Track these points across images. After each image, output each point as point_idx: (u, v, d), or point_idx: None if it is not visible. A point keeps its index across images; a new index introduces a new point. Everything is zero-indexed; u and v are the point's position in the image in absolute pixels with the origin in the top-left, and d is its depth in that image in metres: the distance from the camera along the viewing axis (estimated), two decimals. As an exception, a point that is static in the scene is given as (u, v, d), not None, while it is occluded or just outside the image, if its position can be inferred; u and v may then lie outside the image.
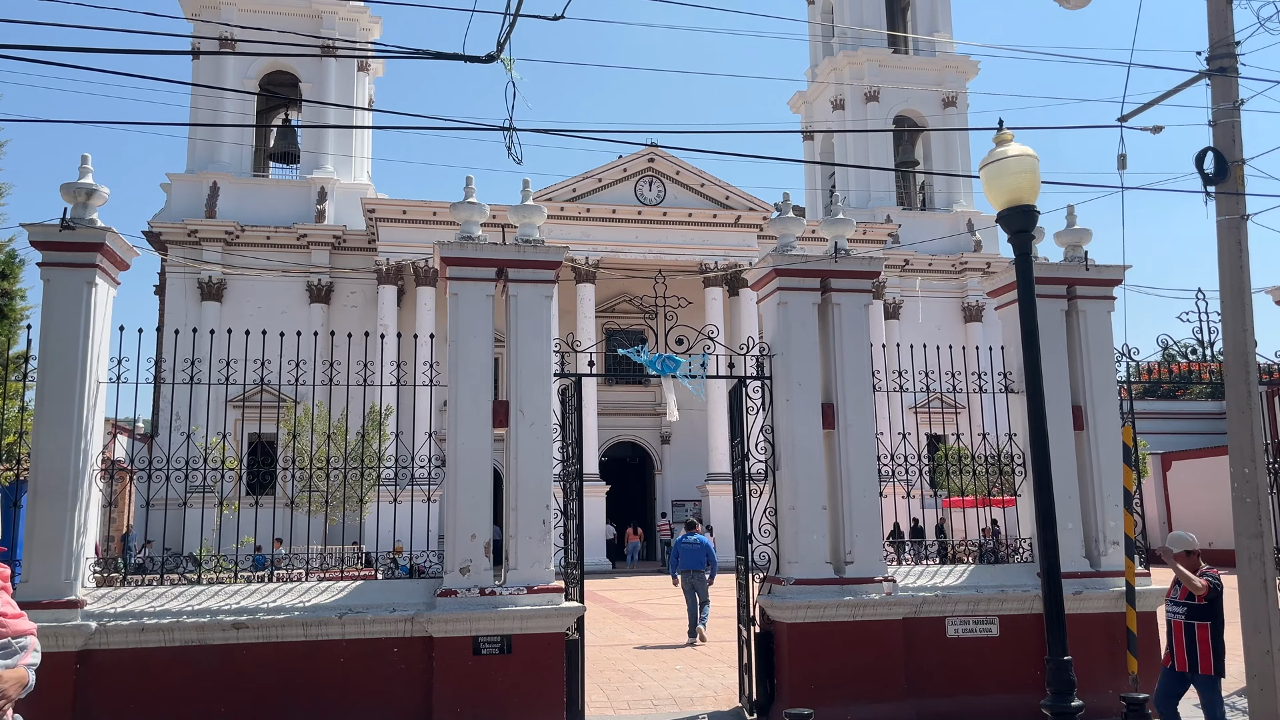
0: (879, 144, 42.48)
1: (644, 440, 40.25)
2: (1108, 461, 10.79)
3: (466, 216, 10.09)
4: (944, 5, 45.07)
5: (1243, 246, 8.85)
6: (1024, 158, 7.58)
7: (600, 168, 36.72)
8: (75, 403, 8.51)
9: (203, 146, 36.68)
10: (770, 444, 10.48)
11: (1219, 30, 9.18)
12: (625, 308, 38.96)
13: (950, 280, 41.98)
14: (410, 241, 35.22)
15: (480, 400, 9.54)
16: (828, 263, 10.69)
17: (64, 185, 8.78)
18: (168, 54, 6.53)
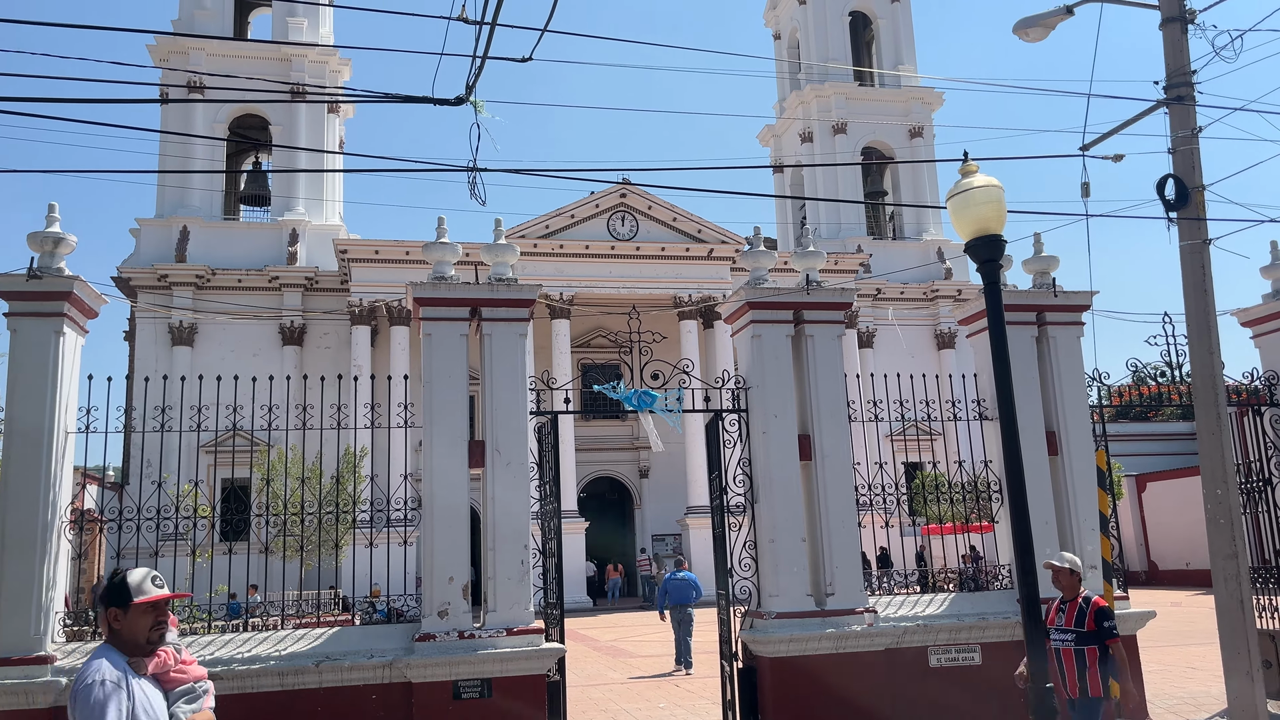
0: (848, 175, 42.96)
1: (622, 475, 40.13)
2: (1083, 486, 10.86)
3: (439, 257, 10.08)
4: (908, 39, 45.82)
5: (1206, 270, 8.99)
6: (989, 188, 7.68)
7: (573, 204, 36.88)
8: (43, 454, 8.38)
9: (172, 191, 36.53)
10: (748, 477, 10.47)
11: (1175, 60, 9.39)
12: (600, 342, 38.99)
13: (922, 308, 42.34)
14: (383, 281, 35.13)
15: (456, 441, 9.48)
16: (800, 295, 10.75)
17: (31, 234, 8.71)
18: (137, 102, 6.52)
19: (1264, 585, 11.39)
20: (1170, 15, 9.39)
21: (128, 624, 3.61)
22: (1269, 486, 11.66)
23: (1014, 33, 10.59)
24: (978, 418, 11.25)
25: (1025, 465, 7.54)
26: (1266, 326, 12.25)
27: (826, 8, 45.02)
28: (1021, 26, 10.36)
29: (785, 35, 48.62)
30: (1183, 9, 9.34)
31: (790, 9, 47.41)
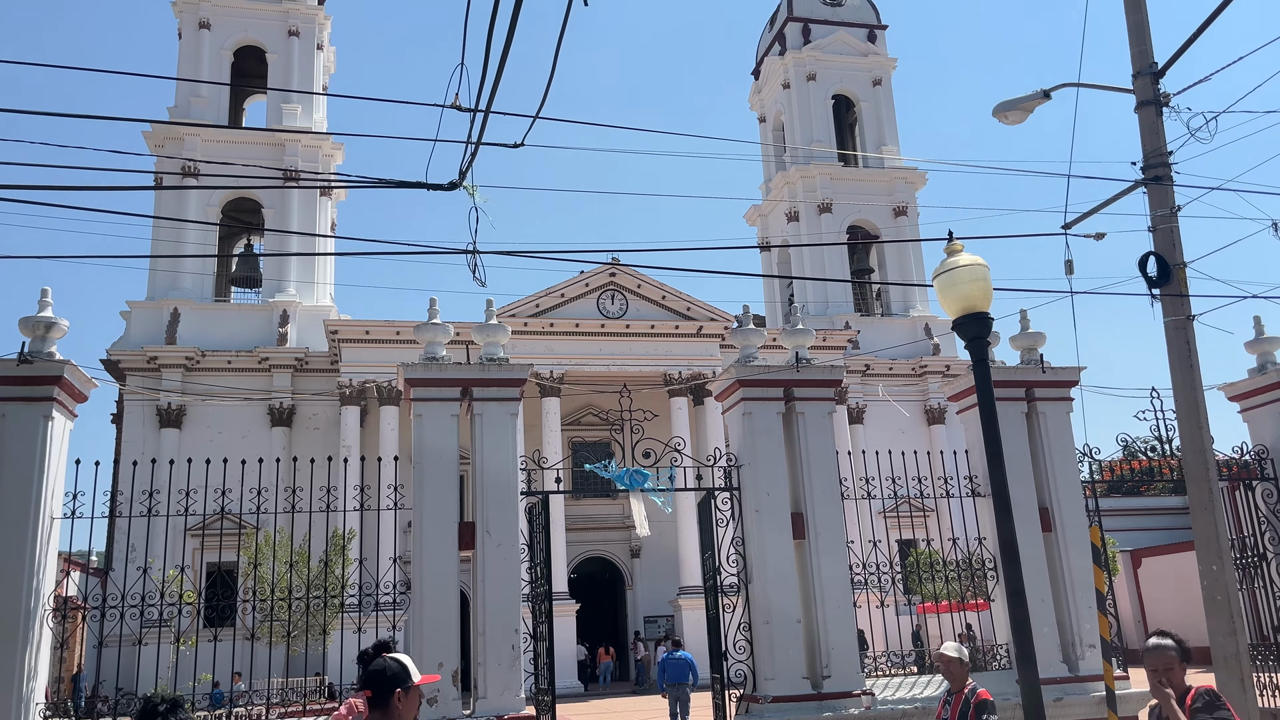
0: (835, 252, 43.46)
1: (614, 555, 39.68)
2: (1078, 562, 10.79)
3: (431, 338, 10.13)
4: (890, 121, 46.84)
5: (1191, 346, 9.08)
6: (975, 267, 7.78)
7: (563, 283, 37.15)
8: (28, 541, 8.27)
9: (164, 274, 36.69)
10: (741, 556, 10.38)
11: (1151, 141, 9.61)
12: (591, 420, 38.90)
13: (911, 384, 42.49)
14: (373, 362, 35.14)
15: (445, 523, 9.40)
16: (790, 372, 10.80)
17: (23, 319, 8.73)
18: (133, 189, 6.60)
19: (1264, 663, 11.26)
20: (1145, 99, 9.64)
21: (408, 703, 3.68)
22: (1264, 562, 11.61)
23: (994, 115, 10.83)
24: (970, 494, 11.23)
25: (1019, 542, 7.49)
26: (1254, 401, 12.32)
27: (810, 91, 46.09)
28: (1001, 110, 10.61)
29: (770, 118, 49.67)
30: (1157, 93, 9.59)
31: (774, 93, 48.52)
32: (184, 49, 39.32)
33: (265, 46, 39.88)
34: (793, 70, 46.72)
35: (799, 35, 47.09)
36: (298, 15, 40.10)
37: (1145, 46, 9.71)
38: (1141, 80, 9.68)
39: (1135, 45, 9.74)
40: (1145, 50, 9.70)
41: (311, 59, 40.23)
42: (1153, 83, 9.62)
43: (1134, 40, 9.76)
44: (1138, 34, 9.74)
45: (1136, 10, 9.83)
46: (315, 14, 40.75)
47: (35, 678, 8.26)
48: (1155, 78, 9.63)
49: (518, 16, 5.47)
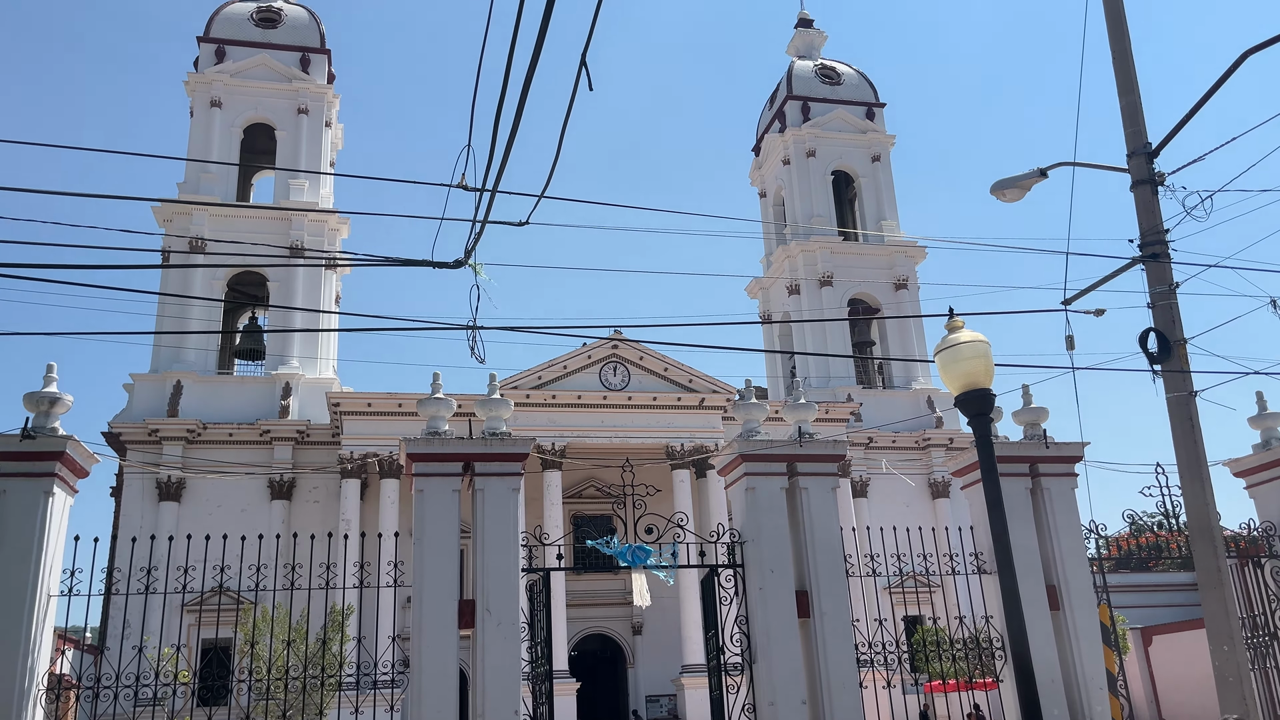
0: (836, 324, 43.63)
1: (615, 632, 39.07)
2: (1087, 641, 10.63)
3: (433, 412, 10.13)
4: (889, 196, 47.45)
5: (1194, 422, 9.07)
6: (976, 344, 7.82)
7: (565, 355, 37.24)
8: (24, 619, 8.18)
9: (167, 347, 36.86)
10: (745, 635, 10.23)
11: (1148, 219, 9.72)
12: (593, 493, 38.65)
13: (915, 458, 42.28)
14: (375, 434, 35.06)
15: (445, 600, 9.30)
16: (793, 447, 10.78)
17: (27, 395, 8.76)
18: (140, 268, 6.68)
19: (1280, 745, 11.00)
20: (1140, 178, 9.79)
21: None
22: (1275, 641, 11.43)
23: (991, 193, 10.98)
24: (976, 571, 11.11)
25: (1027, 621, 7.40)
26: (1259, 477, 12.26)
27: (810, 167, 46.78)
28: (998, 188, 10.76)
29: (771, 193, 50.33)
30: (1151, 173, 9.74)
31: (775, 168, 49.24)
32: (195, 126, 40.08)
33: (275, 124, 40.65)
34: (793, 147, 47.50)
35: (798, 113, 47.98)
36: (307, 94, 40.95)
37: (1139, 127, 9.88)
38: (1136, 160, 9.83)
39: (1129, 126, 9.92)
40: (1139, 131, 9.88)
41: (320, 136, 40.97)
42: (1147, 162, 9.78)
43: (1127, 121, 9.94)
44: (1131, 115, 9.93)
45: (1129, 92, 10.03)
46: (324, 92, 41.61)
47: (25, 760, 8.10)
48: (1149, 157, 9.78)
49: (523, 109, 5.59)
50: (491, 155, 6.42)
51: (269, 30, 41.86)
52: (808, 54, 51.07)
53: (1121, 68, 10.11)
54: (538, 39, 5.15)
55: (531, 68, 5.39)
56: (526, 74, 5.47)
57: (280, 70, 41.13)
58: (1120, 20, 10.21)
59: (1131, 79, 10.04)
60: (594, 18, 5.19)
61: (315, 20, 43.14)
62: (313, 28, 42.85)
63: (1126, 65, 10.11)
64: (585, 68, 5.37)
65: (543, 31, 5.09)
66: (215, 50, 41.08)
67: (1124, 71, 10.07)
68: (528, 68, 5.43)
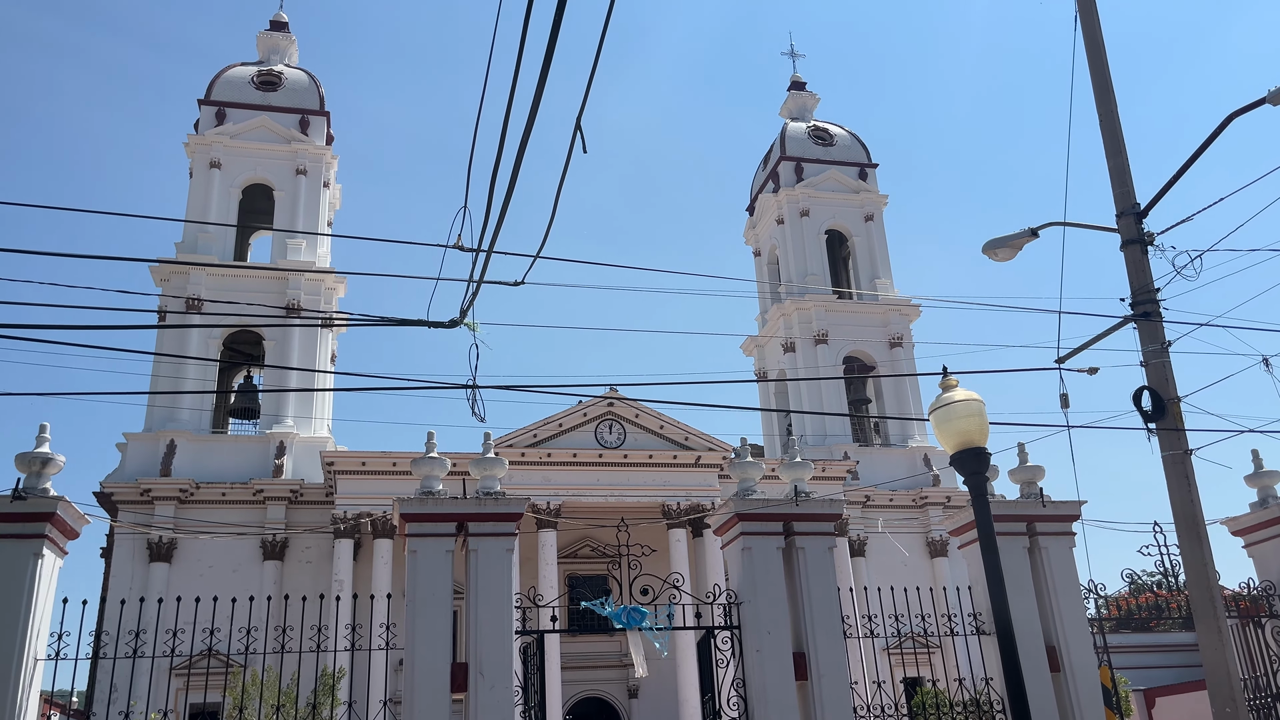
0: (832, 382, 43.69)
1: (610, 695, 38.44)
2: (1088, 704, 10.49)
3: (428, 471, 10.09)
4: (883, 255, 47.84)
5: (1191, 481, 9.05)
6: (970, 402, 7.84)
7: (560, 413, 37.16)
8: (10, 684, 8.04)
9: (161, 407, 36.75)
10: (742, 699, 10.08)
11: (1139, 278, 9.81)
12: (588, 553, 38.31)
13: (912, 516, 42.05)
14: (369, 493, 34.82)
15: (438, 664, 9.17)
16: (789, 506, 10.72)
17: (19, 455, 8.71)
18: (137, 328, 6.70)
19: (1288, 810, 10.81)
20: (1129, 238, 9.90)
21: None
22: (1278, 702, 11.28)
23: (983, 253, 11.08)
24: (975, 632, 10.99)
25: (1027, 683, 7.31)
26: (1258, 535, 12.21)
27: (803, 227, 47.22)
28: (990, 247, 10.87)
29: (765, 252, 50.73)
30: (1141, 232, 9.85)
31: (769, 228, 49.71)
32: (194, 187, 40.45)
33: (273, 184, 41.03)
34: (786, 207, 48.02)
35: (792, 173, 48.57)
36: (306, 155, 41.40)
37: (1127, 188, 10.01)
38: (1125, 220, 9.95)
39: (1117, 187, 10.05)
40: (1127, 191, 10.01)
41: (318, 196, 41.34)
42: (1136, 222, 9.89)
43: (1116, 182, 10.08)
44: (1119, 176, 10.07)
45: (1117, 154, 10.18)
46: (323, 154, 42.08)
47: (6, 831, 7.91)
48: (1138, 218, 9.90)
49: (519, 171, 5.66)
50: (487, 216, 6.48)
51: (269, 93, 42.45)
52: (800, 115, 51.84)
53: (1109, 129, 10.27)
54: (533, 104, 5.23)
55: (526, 132, 5.47)
56: (522, 137, 5.55)
57: (280, 132, 41.64)
58: (1106, 84, 10.40)
59: (1119, 140, 10.20)
60: (588, 85, 5.29)
61: (315, 83, 43.78)
62: (312, 90, 43.47)
63: (1113, 127, 10.28)
64: (580, 131, 5.44)
65: (538, 97, 5.18)
66: (216, 112, 41.61)
67: (1111, 133, 10.23)
68: (523, 132, 5.51)
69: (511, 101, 5.61)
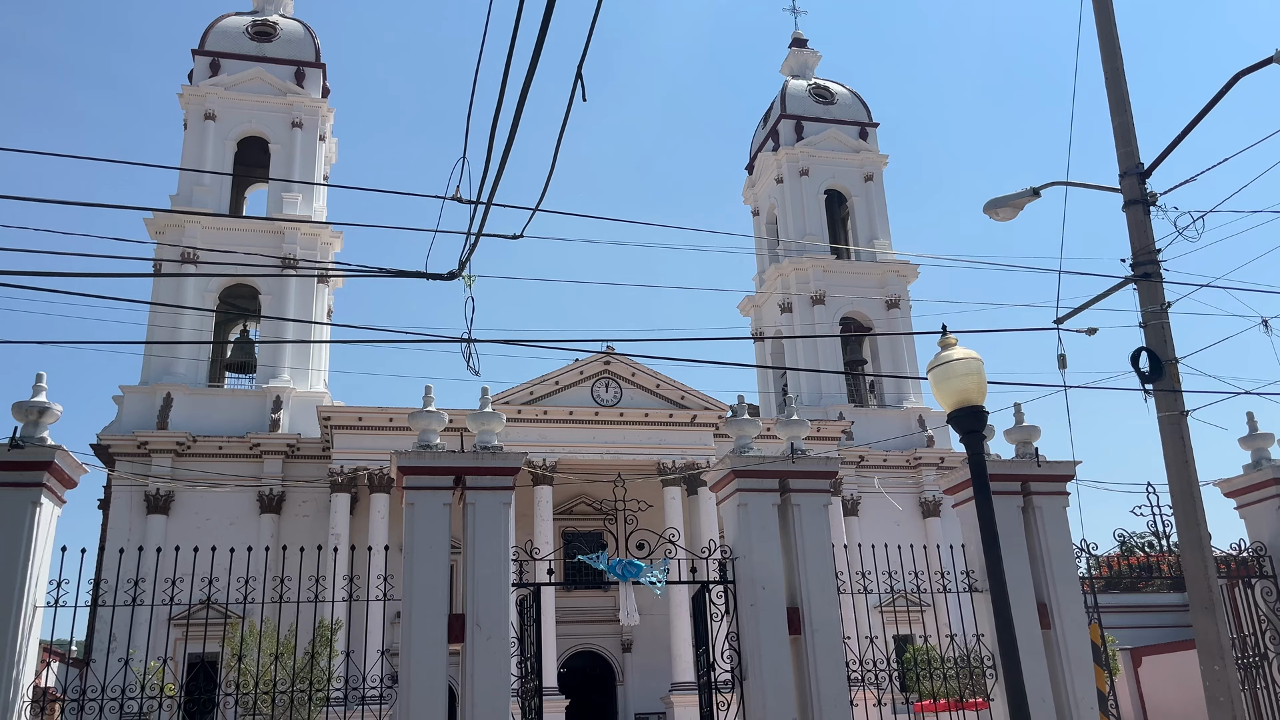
0: (828, 343, 43.70)
1: (605, 649, 38.89)
2: (1078, 660, 10.61)
3: (425, 425, 10.10)
4: (881, 215, 47.65)
5: (1186, 442, 9.08)
6: (969, 360, 7.83)
7: (557, 371, 37.20)
8: (9, 630, 8.10)
9: (158, 358, 36.71)
10: (736, 652, 10.19)
11: (1140, 239, 9.77)
12: (584, 509, 38.54)
13: (906, 476, 42.29)
14: (365, 449, 34.94)
15: (435, 615, 9.24)
16: (785, 463, 10.76)
17: (16, 404, 8.71)
18: (131, 276, 6.66)
19: (1271, 766, 10.99)
20: (1132, 198, 9.84)
21: None
22: (1265, 662, 11.42)
23: (984, 212, 11.02)
24: (967, 589, 11.09)
25: (1018, 639, 7.38)
26: (1250, 497, 12.29)
27: (803, 186, 46.97)
28: (991, 207, 10.81)
29: (764, 211, 50.50)
30: (1144, 193, 9.79)
31: (768, 187, 49.43)
32: (189, 138, 40.09)
33: (268, 137, 40.67)
34: (786, 166, 47.70)
35: (792, 132, 48.20)
36: (302, 108, 40.99)
37: (1131, 147, 9.94)
38: (1128, 180, 9.88)
39: (1121, 146, 9.97)
40: (1131, 151, 9.94)
41: (314, 150, 41.01)
42: (1139, 182, 9.83)
43: (1120, 141, 10.00)
44: (1123, 135, 9.99)
45: (1121, 113, 10.10)
46: (319, 106, 41.66)
47: (8, 774, 8.01)
48: (1142, 178, 9.83)
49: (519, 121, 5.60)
50: (486, 167, 6.42)
51: (264, 44, 41.93)
52: (801, 73, 51.33)
53: (1114, 88, 10.18)
54: (534, 51, 5.17)
55: (528, 80, 5.41)
56: (523, 86, 5.48)
57: (275, 84, 41.18)
58: (1113, 41, 10.29)
59: (1124, 99, 10.11)
60: (590, 30, 5.22)
61: (310, 34, 43.23)
62: (308, 42, 42.92)
63: (1119, 86, 10.18)
64: (580, 79, 5.38)
65: (539, 44, 5.11)
66: (210, 63, 41.13)
67: (1116, 92, 10.14)
68: (524, 80, 5.44)
69: (512, 51, 5.54)
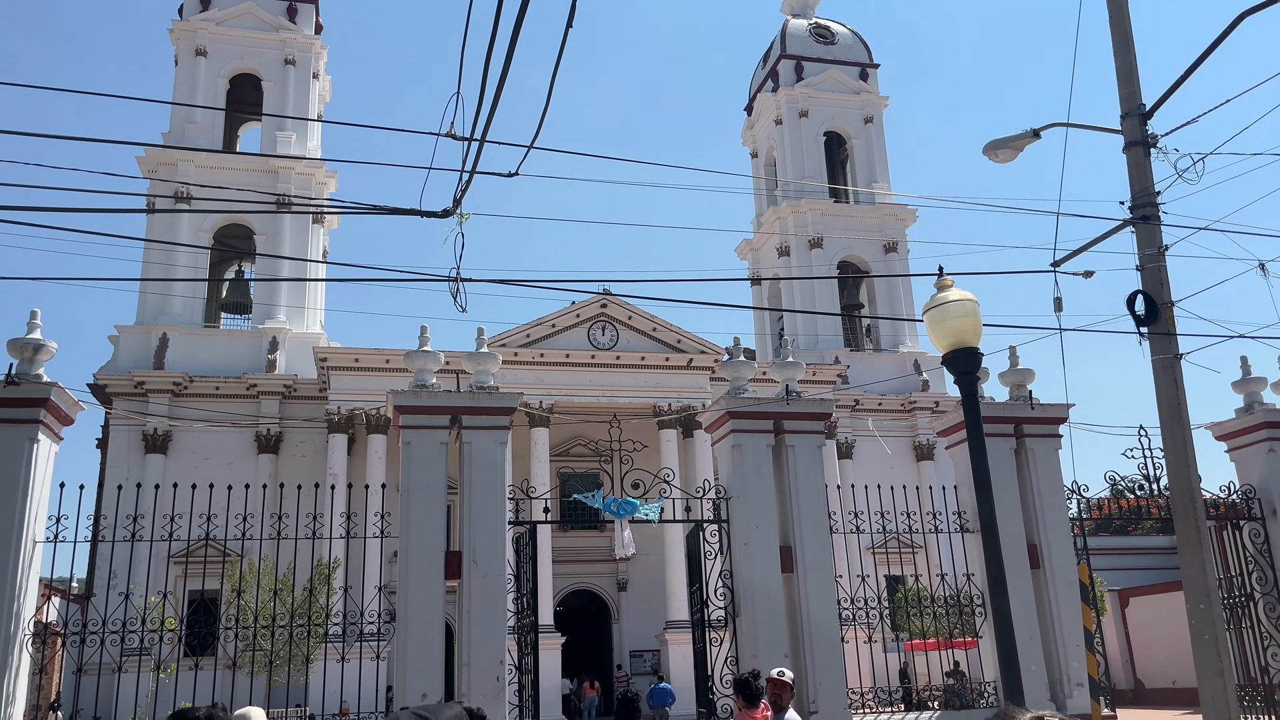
0: (825, 287, 43.64)
1: (600, 588, 39.40)
2: (1066, 600, 10.77)
3: (421, 365, 10.11)
4: (881, 158, 47.26)
5: (1179, 385, 9.12)
6: (965, 302, 7.83)
7: (553, 314, 37.16)
8: (10, 564, 8.18)
9: (154, 298, 36.61)
10: (730, 590, 10.33)
11: (1140, 181, 9.71)
12: (580, 451, 38.76)
13: (900, 420, 42.53)
14: (362, 390, 35.02)
15: (432, 552, 9.34)
16: (780, 405, 10.81)
17: (11, 340, 8.69)
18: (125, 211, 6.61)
19: (1250, 704, 11.22)
20: (1133, 140, 9.76)
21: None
22: (1251, 602, 11.60)
23: (984, 154, 10.93)
24: (959, 530, 11.21)
25: (1008, 578, 7.48)
26: (1240, 440, 12.38)
27: (802, 128, 46.50)
28: (991, 148, 10.72)
29: (762, 153, 50.05)
30: (1144, 134, 9.70)
31: (767, 128, 48.93)
32: (180, 75, 39.51)
33: (261, 75, 40.10)
34: (785, 107, 47.16)
35: (792, 72, 47.58)
36: (294, 45, 40.36)
37: (1134, 89, 9.83)
38: (1130, 121, 9.79)
39: (1124, 87, 9.86)
40: (1134, 92, 9.83)
41: (307, 88, 40.46)
42: (1141, 124, 9.74)
43: (1122, 82, 9.89)
44: (1126, 76, 9.88)
45: (1125, 53, 9.97)
46: (312, 43, 41.02)
47: (14, 703, 8.14)
48: (1143, 119, 9.74)
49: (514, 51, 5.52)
50: (480, 102, 6.34)
51: (255, -23, 41.15)
52: (802, 12, 50.55)
53: (1118, 27, 10.04)
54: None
55: (521, 11, 5.32)
56: (516, 18, 5.39)
57: (266, 20, 40.50)
58: (1118, -21, 10.11)
59: (1128, 39, 9.98)
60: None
61: (302, -32, 42.39)
62: (300, -25, 42.12)
63: (1123, 25, 10.04)
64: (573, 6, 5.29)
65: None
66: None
67: (1120, 31, 10.00)
68: (518, 12, 5.35)
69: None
